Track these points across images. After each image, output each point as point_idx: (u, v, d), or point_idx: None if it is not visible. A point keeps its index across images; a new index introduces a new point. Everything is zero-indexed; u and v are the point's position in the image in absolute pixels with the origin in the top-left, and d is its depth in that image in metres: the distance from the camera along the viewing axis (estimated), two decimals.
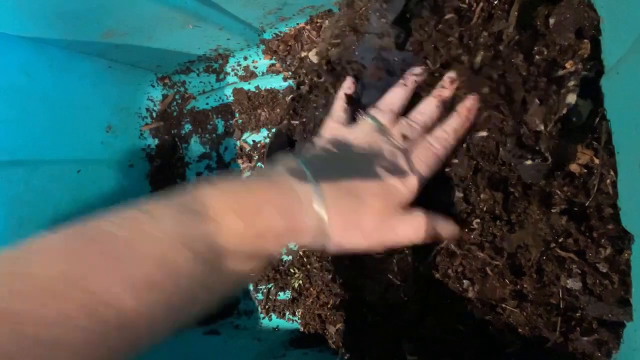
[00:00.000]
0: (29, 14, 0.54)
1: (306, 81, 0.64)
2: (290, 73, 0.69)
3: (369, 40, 0.54)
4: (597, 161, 0.44)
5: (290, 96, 0.64)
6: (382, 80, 0.52)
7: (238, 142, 0.76)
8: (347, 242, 0.37)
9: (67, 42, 0.64)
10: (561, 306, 0.45)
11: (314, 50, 0.66)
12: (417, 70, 0.47)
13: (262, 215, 0.33)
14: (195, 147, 0.81)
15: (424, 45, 0.50)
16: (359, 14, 0.58)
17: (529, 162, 0.44)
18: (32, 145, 0.62)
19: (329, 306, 0.61)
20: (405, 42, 0.52)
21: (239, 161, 0.76)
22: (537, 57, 0.46)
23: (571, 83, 0.43)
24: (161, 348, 0.71)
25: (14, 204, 0.58)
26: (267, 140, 0.73)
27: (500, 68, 0.46)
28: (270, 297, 0.73)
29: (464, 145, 0.48)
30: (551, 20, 0.46)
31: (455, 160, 0.48)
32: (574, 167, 0.45)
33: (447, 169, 0.49)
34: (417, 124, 0.43)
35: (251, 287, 0.75)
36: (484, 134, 0.47)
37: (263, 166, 0.57)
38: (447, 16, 0.50)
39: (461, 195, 0.48)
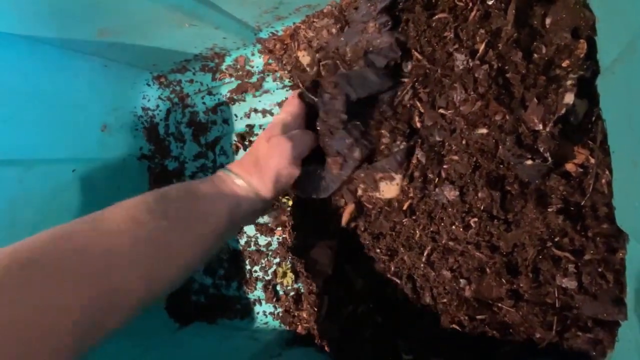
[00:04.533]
0: (23, 12, 0.53)
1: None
2: (286, 72, 0.69)
3: (355, 26, 0.55)
4: (592, 160, 0.44)
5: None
6: (362, 61, 0.53)
7: (234, 141, 0.76)
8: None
9: (61, 40, 0.63)
10: (557, 305, 0.45)
11: (304, 52, 0.66)
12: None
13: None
14: (191, 146, 0.81)
15: (418, 39, 0.51)
16: (348, 4, 0.58)
17: (529, 162, 0.44)
18: (27, 145, 0.62)
19: (325, 306, 0.61)
20: (391, 31, 0.52)
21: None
22: (535, 55, 0.46)
23: (568, 82, 0.43)
24: (156, 348, 0.70)
25: (8, 204, 0.58)
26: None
27: (499, 62, 0.46)
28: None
29: (463, 142, 0.48)
30: (547, 20, 0.46)
31: (455, 157, 0.48)
32: (570, 167, 0.45)
33: (445, 166, 0.49)
34: None
35: (245, 288, 0.74)
36: (483, 131, 0.47)
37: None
38: (442, 14, 0.50)
39: (457, 193, 0.48)
